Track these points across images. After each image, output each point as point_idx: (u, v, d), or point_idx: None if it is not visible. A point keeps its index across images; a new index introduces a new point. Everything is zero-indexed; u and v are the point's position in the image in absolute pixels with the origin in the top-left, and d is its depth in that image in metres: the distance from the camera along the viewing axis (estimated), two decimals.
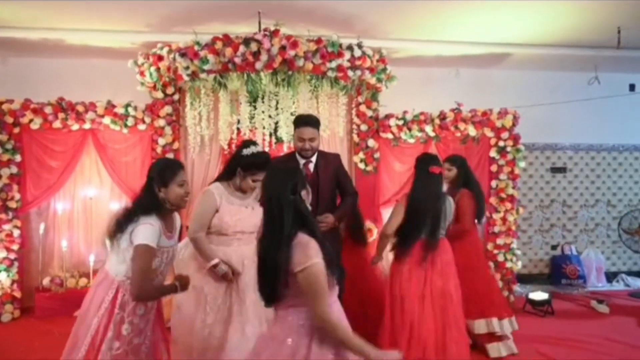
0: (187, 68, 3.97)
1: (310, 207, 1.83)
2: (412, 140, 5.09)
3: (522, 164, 4.98)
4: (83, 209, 4.82)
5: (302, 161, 3.17)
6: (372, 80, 4.54)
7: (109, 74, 4.88)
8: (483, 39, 4.88)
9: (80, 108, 4.54)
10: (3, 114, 4.37)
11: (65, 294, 4.50)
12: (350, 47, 4.14)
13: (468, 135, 5.00)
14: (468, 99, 5.05)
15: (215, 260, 2.60)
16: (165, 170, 2.22)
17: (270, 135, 4.67)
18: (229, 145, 4.75)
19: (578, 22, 4.41)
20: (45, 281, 4.54)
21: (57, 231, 4.73)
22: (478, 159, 5.04)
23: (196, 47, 3.87)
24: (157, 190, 2.17)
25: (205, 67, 3.90)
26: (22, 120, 4.43)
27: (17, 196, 4.41)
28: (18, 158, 4.42)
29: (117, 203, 4.81)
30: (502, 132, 4.89)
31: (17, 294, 4.41)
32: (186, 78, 4.04)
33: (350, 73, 4.17)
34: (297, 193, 1.74)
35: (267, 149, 4.72)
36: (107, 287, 2.18)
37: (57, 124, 4.49)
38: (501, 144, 4.91)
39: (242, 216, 2.70)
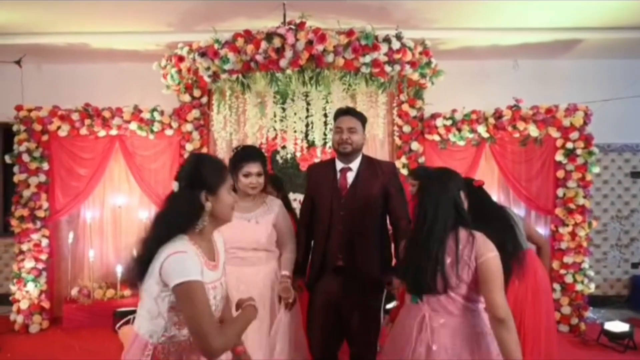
0: (207, 69, 3.66)
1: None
2: (462, 143, 4.50)
3: (596, 169, 4.25)
4: (112, 218, 4.69)
5: (340, 166, 2.55)
6: (415, 76, 4.01)
7: (136, 78, 4.71)
8: (547, 23, 4.18)
9: (106, 114, 4.39)
10: (31, 121, 4.30)
11: (92, 305, 4.38)
12: (387, 39, 3.64)
13: (529, 135, 4.34)
14: (529, 95, 4.40)
15: None
16: (215, 171, 1.60)
17: (302, 139, 4.30)
18: None
19: None
20: (74, 292, 4.44)
21: (87, 240, 4.62)
22: (541, 164, 4.38)
23: (216, 46, 3.55)
24: (204, 200, 1.55)
25: (226, 67, 3.56)
26: (50, 127, 4.34)
27: (46, 205, 4.33)
28: (46, 166, 4.34)
29: (147, 212, 4.64)
30: (571, 131, 4.19)
31: (46, 305, 4.32)
32: (207, 79, 3.73)
33: (387, 68, 3.67)
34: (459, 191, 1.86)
35: (298, 154, 4.37)
36: (139, 354, 1.53)
37: (83, 131, 4.37)
38: (569, 145, 4.21)
39: (240, 230, 2.42)
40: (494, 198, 4.60)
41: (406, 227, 2.49)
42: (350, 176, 2.55)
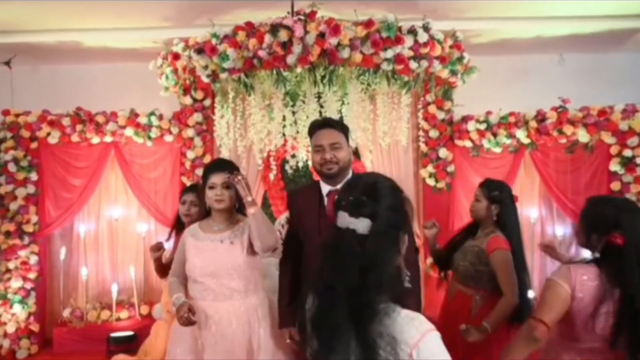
0: (205, 67, 3.21)
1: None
2: (498, 150, 3.95)
3: None
4: (108, 231, 4.30)
5: (326, 189, 2.10)
6: (444, 73, 3.47)
7: (134, 79, 4.29)
8: (600, 11, 3.59)
9: (99, 119, 4.00)
10: (19, 127, 3.94)
11: (85, 329, 4.00)
12: (412, 31, 3.12)
13: (577, 141, 3.77)
14: (577, 95, 3.84)
15: (175, 295, 2.10)
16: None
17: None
18: (267, 158, 3.96)
19: None
20: (66, 313, 4.06)
21: (80, 256, 4.24)
22: (591, 174, 3.81)
23: (214, 41, 3.09)
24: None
25: (226, 65, 3.10)
26: (39, 134, 3.97)
27: (35, 219, 3.96)
28: (35, 176, 3.98)
29: (146, 225, 4.24)
30: (629, 136, 3.62)
31: (35, 328, 3.95)
32: (206, 80, 3.28)
33: (413, 65, 3.15)
34: None
35: (310, 163, 3.88)
36: None
37: (75, 137, 3.99)
38: (627, 153, 3.61)
39: (211, 253, 2.10)
40: (535, 213, 4.07)
41: (413, 257, 2.02)
42: None
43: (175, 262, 2.28)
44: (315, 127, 2.17)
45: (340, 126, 2.16)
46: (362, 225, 1.09)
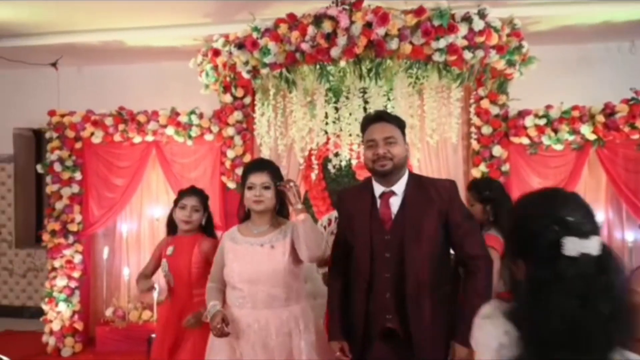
0: (246, 63, 3.09)
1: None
2: (559, 147, 3.63)
3: None
4: (150, 231, 4.27)
5: (379, 190, 1.92)
6: (500, 64, 3.20)
7: (175, 78, 4.28)
8: None
9: (141, 118, 3.97)
10: (64, 127, 3.97)
11: (127, 328, 3.99)
12: (467, 18, 2.88)
13: None
14: None
15: (211, 302, 2.02)
16: None
17: (359, 143, 3.62)
18: (308, 157, 3.81)
19: None
20: (109, 312, 4.07)
21: (123, 256, 4.24)
22: None
23: (254, 35, 2.96)
24: None
25: (267, 60, 2.97)
26: (83, 134, 3.99)
27: (79, 218, 3.98)
28: (79, 176, 4.00)
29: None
30: None
31: (79, 326, 3.98)
32: (246, 76, 3.16)
33: (467, 55, 2.90)
34: None
35: (354, 161, 3.70)
36: None
37: (117, 137, 3.98)
38: None
39: (251, 258, 1.97)
40: (601, 217, 3.71)
41: (482, 268, 1.79)
42: (395, 203, 1.88)
43: (215, 266, 2.17)
44: (368, 121, 1.98)
45: (395, 120, 1.97)
46: (593, 244, 0.90)
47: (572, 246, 0.89)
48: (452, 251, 1.95)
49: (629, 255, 3.63)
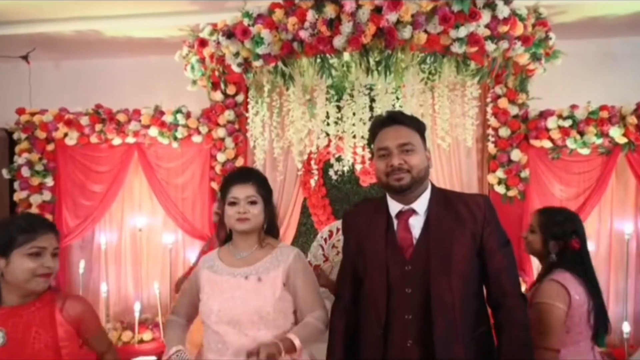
0: (236, 54, 2.72)
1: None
2: (585, 151, 3.29)
3: None
4: (131, 243, 3.89)
5: (395, 209, 1.56)
6: (523, 59, 2.85)
7: (160, 74, 3.88)
8: None
9: (121, 117, 3.59)
10: (34, 127, 3.58)
11: None
12: (490, 4, 2.53)
13: None
14: None
15: (173, 349, 1.62)
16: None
17: (364, 146, 3.26)
18: (307, 161, 3.44)
19: None
20: None
21: (101, 270, 3.86)
22: None
23: (246, 21, 2.59)
24: None
25: (260, 51, 2.60)
26: (55, 135, 3.60)
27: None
28: (51, 182, 3.62)
29: (173, 235, 3.82)
30: None
31: None
32: (237, 69, 2.79)
33: (489, 46, 2.55)
34: None
35: (358, 166, 3.34)
36: None
37: (94, 139, 3.60)
38: None
39: (232, 293, 1.59)
40: (630, 227, 3.38)
41: (521, 313, 1.45)
42: (417, 224, 1.52)
43: (181, 298, 1.80)
44: (380, 125, 1.60)
45: (413, 122, 1.59)
46: None
47: None
48: None
49: None
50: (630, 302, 3.39)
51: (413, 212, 1.53)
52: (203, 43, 2.87)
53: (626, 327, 3.25)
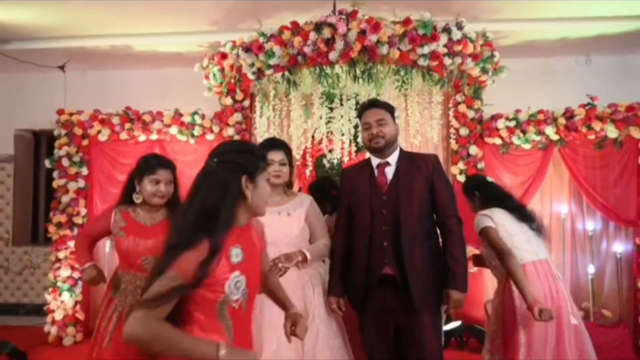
0: (252, 65, 3.44)
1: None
2: (527, 146, 4.07)
3: None
4: None
5: (376, 162, 2.28)
6: (475, 71, 3.65)
7: (178, 82, 4.59)
8: (625, 11, 3.73)
9: (146, 117, 4.25)
10: (72, 125, 4.20)
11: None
12: (447, 29, 3.32)
13: (605, 137, 3.87)
14: (604, 94, 3.94)
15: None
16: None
17: (350, 142, 4.00)
18: (303, 155, 4.16)
19: None
20: None
21: None
22: (621, 169, 3.88)
23: (261, 39, 3.33)
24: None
25: (272, 62, 3.33)
26: (90, 132, 4.23)
27: (84, 211, 4.18)
28: (85, 171, 4.22)
29: None
30: None
31: (80, 316, 4.13)
32: (251, 77, 3.51)
33: (447, 61, 3.33)
34: None
35: (346, 159, 4.06)
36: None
37: (123, 135, 4.24)
38: None
39: (271, 223, 2.13)
40: (565, 208, 4.15)
41: (456, 227, 2.17)
42: (390, 171, 2.25)
43: None
44: (363, 108, 2.36)
45: (385, 105, 2.35)
46: None
47: None
48: None
49: (589, 243, 4.06)
50: (567, 270, 4.12)
51: (387, 164, 2.26)
52: (224, 56, 3.59)
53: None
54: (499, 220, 2.46)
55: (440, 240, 2.24)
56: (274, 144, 2.41)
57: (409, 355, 2.12)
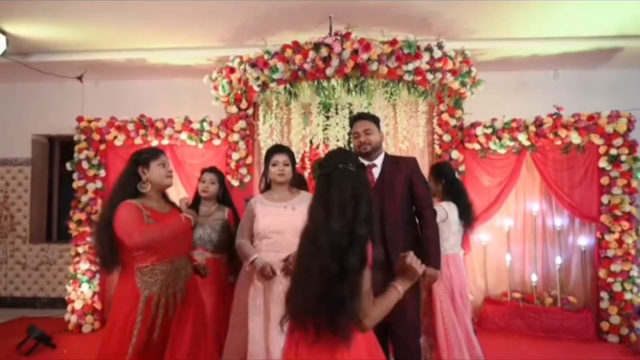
0: (257, 78, 3.88)
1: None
2: (502, 151, 4.54)
3: None
4: None
5: (365, 164, 2.75)
6: (455, 85, 4.12)
7: (187, 92, 5.01)
8: (587, 32, 4.24)
9: (159, 124, 4.65)
10: (91, 131, 4.60)
11: None
12: (429, 48, 3.78)
13: (570, 143, 4.36)
14: (570, 104, 4.43)
15: (254, 256, 2.64)
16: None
17: (344, 147, 4.44)
18: (302, 159, 4.60)
19: None
20: None
21: None
22: (584, 171, 4.36)
23: (266, 57, 3.77)
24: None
25: (275, 76, 3.77)
26: (107, 137, 4.63)
27: (101, 210, 4.56)
28: (103, 173, 4.62)
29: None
30: (614, 138, 4.18)
31: (98, 306, 4.52)
32: (257, 89, 3.94)
33: (429, 76, 3.79)
34: None
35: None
36: None
37: (138, 140, 4.64)
38: (613, 152, 4.18)
39: (278, 216, 2.68)
40: (537, 206, 4.62)
41: (431, 216, 2.65)
42: (376, 171, 2.72)
43: (245, 225, 2.85)
44: (353, 120, 2.85)
45: (371, 117, 2.83)
46: None
47: None
48: None
49: (558, 237, 4.54)
50: (539, 262, 4.59)
51: (374, 165, 2.72)
52: (232, 70, 4.02)
53: (534, 278, 4.47)
54: (451, 216, 3.10)
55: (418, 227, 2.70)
56: (279, 148, 2.85)
57: (393, 321, 2.55)
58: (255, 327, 2.64)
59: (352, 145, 3.32)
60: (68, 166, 4.59)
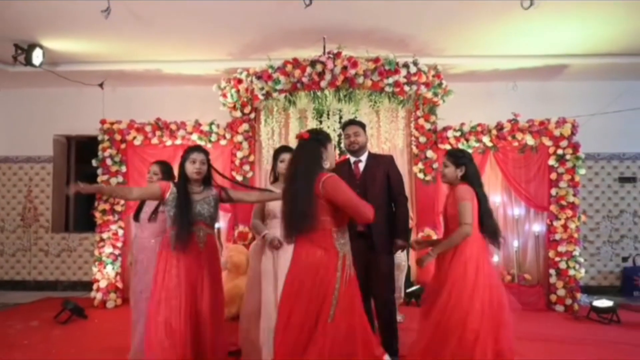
0: (262, 89, 4.59)
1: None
2: (469, 151, 5.28)
3: (583, 171, 5.00)
4: None
5: (352, 160, 3.38)
6: (429, 95, 4.88)
7: (196, 99, 5.67)
8: (540, 51, 5.04)
9: (173, 127, 5.31)
10: (113, 132, 5.25)
11: None
12: (406, 65, 4.53)
13: (526, 144, 5.13)
14: (527, 112, 5.18)
15: (265, 231, 3.27)
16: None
17: (335, 147, 5.15)
18: None
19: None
20: None
21: None
22: (537, 168, 5.14)
23: (270, 70, 4.48)
24: None
25: (278, 87, 4.48)
26: (127, 137, 5.28)
27: (122, 201, 5.22)
28: (123, 169, 5.26)
29: None
30: (561, 140, 4.97)
31: (120, 285, 5.16)
32: (261, 97, 4.65)
33: (406, 88, 4.55)
34: None
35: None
36: None
37: (154, 141, 5.29)
38: (560, 152, 4.98)
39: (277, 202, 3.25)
40: (498, 199, 5.40)
41: (403, 201, 3.36)
42: (361, 166, 3.41)
43: (257, 210, 3.53)
44: (345, 124, 3.55)
45: (359, 123, 3.54)
46: None
47: None
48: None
49: (516, 225, 5.32)
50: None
51: (360, 161, 3.43)
52: (239, 81, 4.72)
53: (496, 259, 5.23)
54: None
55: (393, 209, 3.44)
56: (286, 148, 3.54)
57: (372, 278, 3.27)
58: (268, 290, 3.33)
59: (342, 144, 4.05)
60: (94, 162, 5.22)
